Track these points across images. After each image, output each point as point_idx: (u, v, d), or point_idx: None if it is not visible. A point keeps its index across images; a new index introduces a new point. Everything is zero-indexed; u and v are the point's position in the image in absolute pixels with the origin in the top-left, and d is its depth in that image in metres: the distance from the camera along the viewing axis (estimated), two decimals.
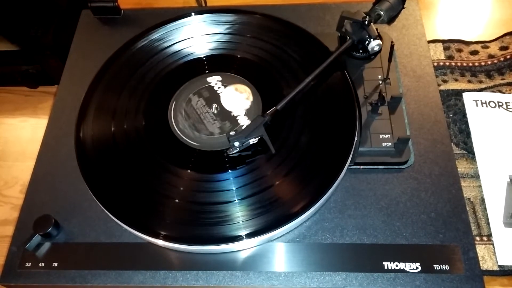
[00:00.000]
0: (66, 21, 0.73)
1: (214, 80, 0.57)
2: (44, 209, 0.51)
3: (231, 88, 0.56)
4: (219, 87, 0.57)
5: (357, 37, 0.56)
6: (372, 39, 0.55)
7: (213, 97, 0.56)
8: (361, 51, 0.59)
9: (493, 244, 0.54)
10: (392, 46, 0.56)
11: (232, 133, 0.50)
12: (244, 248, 0.48)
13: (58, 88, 0.61)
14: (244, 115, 0.55)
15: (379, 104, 0.54)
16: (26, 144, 0.72)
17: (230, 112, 0.55)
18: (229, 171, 0.50)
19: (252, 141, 0.49)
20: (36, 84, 0.76)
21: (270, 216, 0.47)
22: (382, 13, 0.56)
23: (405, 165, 0.52)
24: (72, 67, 0.63)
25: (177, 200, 0.49)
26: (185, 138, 0.53)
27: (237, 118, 0.55)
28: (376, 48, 0.56)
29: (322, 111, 0.54)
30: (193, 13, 0.63)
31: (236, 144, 0.49)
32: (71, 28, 0.69)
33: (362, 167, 0.52)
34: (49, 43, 0.70)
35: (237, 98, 0.56)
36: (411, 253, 0.47)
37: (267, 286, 0.46)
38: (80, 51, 0.65)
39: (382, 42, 0.57)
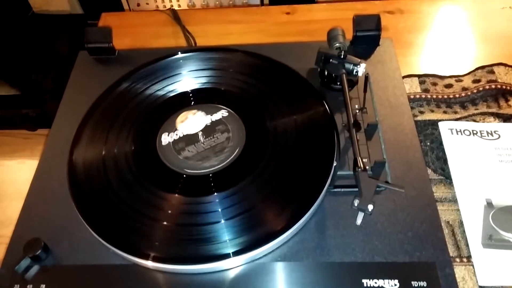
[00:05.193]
0: (65, 67, 0.77)
1: (166, 136, 0.59)
2: (34, 232, 0.52)
3: (178, 124, 0.60)
4: (175, 133, 0.60)
5: (344, 70, 0.59)
6: (358, 66, 0.59)
7: (186, 138, 0.59)
8: (338, 83, 0.63)
9: (473, 265, 0.55)
10: (366, 77, 0.60)
11: (356, 202, 0.48)
12: (229, 268, 0.49)
13: (54, 120, 0.65)
14: (211, 116, 0.61)
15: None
16: (23, 185, 0.74)
17: (205, 124, 0.60)
18: (215, 193, 0.53)
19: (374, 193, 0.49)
20: (35, 126, 0.79)
21: (252, 236, 0.49)
22: (340, 45, 0.62)
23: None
24: (67, 102, 0.67)
25: (165, 223, 0.51)
26: (218, 166, 0.56)
27: (214, 120, 0.60)
28: (364, 71, 0.59)
29: (304, 138, 0.58)
30: (179, 52, 0.68)
31: (370, 208, 0.48)
32: (70, 73, 0.73)
33: (342, 189, 0.55)
34: (49, 87, 0.74)
35: (191, 120, 0.61)
36: (389, 271, 0.48)
37: None
38: (76, 87, 0.69)
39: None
